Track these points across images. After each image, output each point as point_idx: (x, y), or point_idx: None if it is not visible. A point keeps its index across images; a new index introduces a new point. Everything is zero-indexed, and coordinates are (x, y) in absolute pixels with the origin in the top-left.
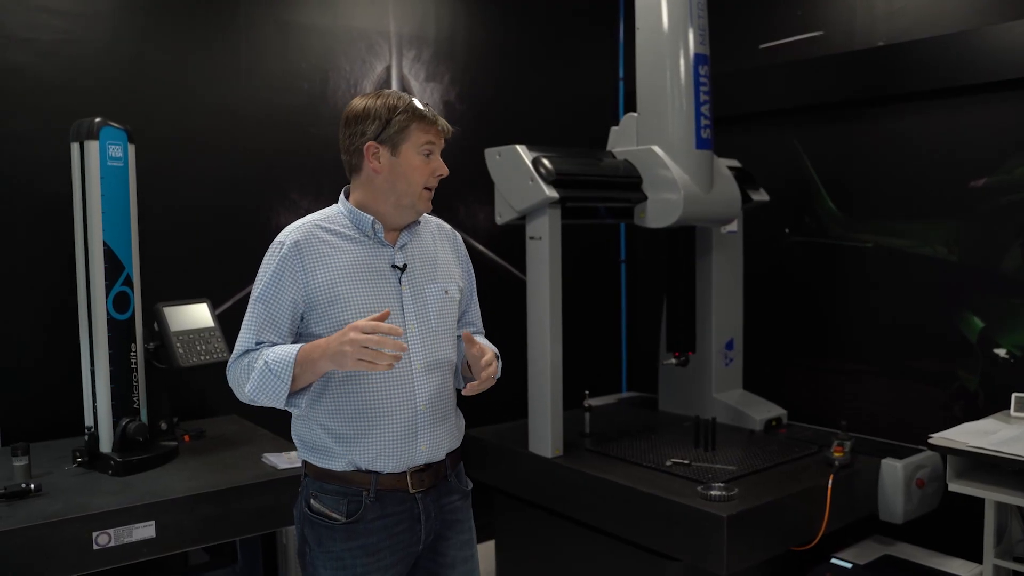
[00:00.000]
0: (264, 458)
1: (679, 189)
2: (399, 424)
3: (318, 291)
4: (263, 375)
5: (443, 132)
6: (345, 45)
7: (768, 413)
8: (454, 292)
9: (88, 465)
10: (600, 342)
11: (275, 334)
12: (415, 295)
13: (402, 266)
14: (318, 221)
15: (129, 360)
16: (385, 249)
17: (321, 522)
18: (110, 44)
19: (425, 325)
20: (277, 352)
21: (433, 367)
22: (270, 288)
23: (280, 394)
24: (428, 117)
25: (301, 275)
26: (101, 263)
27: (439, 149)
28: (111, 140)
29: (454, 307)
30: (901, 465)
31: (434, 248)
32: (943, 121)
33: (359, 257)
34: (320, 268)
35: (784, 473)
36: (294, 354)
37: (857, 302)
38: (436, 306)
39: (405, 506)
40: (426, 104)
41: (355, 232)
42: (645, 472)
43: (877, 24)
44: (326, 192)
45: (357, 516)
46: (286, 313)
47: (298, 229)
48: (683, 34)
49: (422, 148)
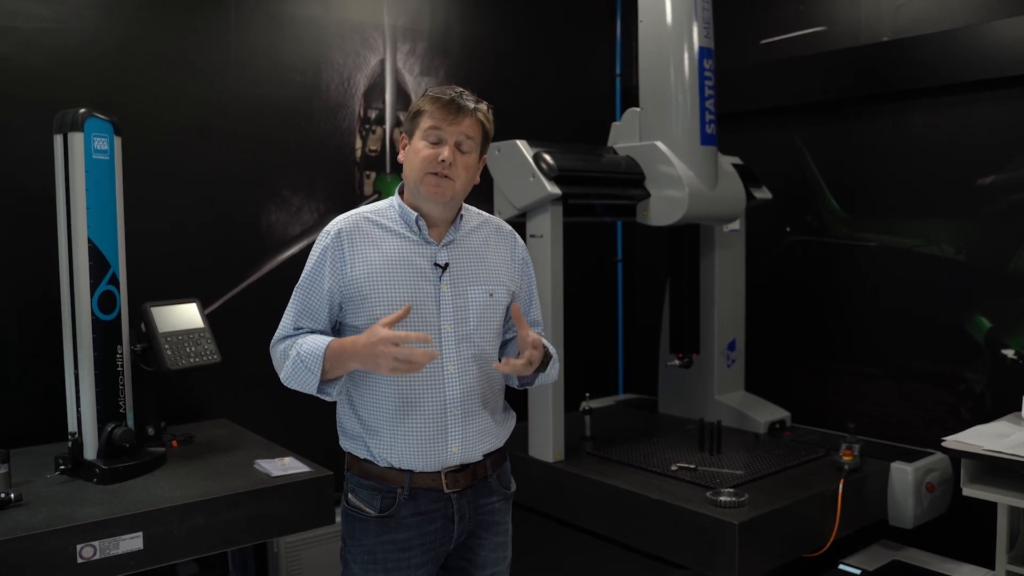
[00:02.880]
0: (256, 464)
1: (684, 186)
2: (428, 422)
3: (355, 284)
4: (295, 365)
5: (457, 117)
6: (338, 37)
7: (772, 415)
8: (500, 296)
9: (72, 473)
10: (597, 343)
11: (313, 321)
12: (455, 295)
13: (444, 265)
14: (368, 213)
15: (115, 363)
16: (429, 246)
17: (357, 515)
18: (95, 34)
19: (463, 327)
20: (310, 344)
21: (466, 368)
22: (310, 277)
23: (311, 384)
24: (439, 101)
25: (340, 266)
26: (86, 261)
27: (452, 136)
28: (97, 132)
29: (498, 311)
30: (911, 469)
31: (484, 249)
32: (950, 118)
33: (401, 253)
34: (360, 261)
35: (793, 478)
36: (323, 349)
37: (861, 302)
38: (477, 308)
39: (439, 505)
40: (459, 92)
41: (403, 227)
42: (650, 477)
43: (882, 19)
44: (319, 189)
45: (391, 512)
46: (323, 303)
47: (346, 219)
48: (687, 27)
49: (427, 133)
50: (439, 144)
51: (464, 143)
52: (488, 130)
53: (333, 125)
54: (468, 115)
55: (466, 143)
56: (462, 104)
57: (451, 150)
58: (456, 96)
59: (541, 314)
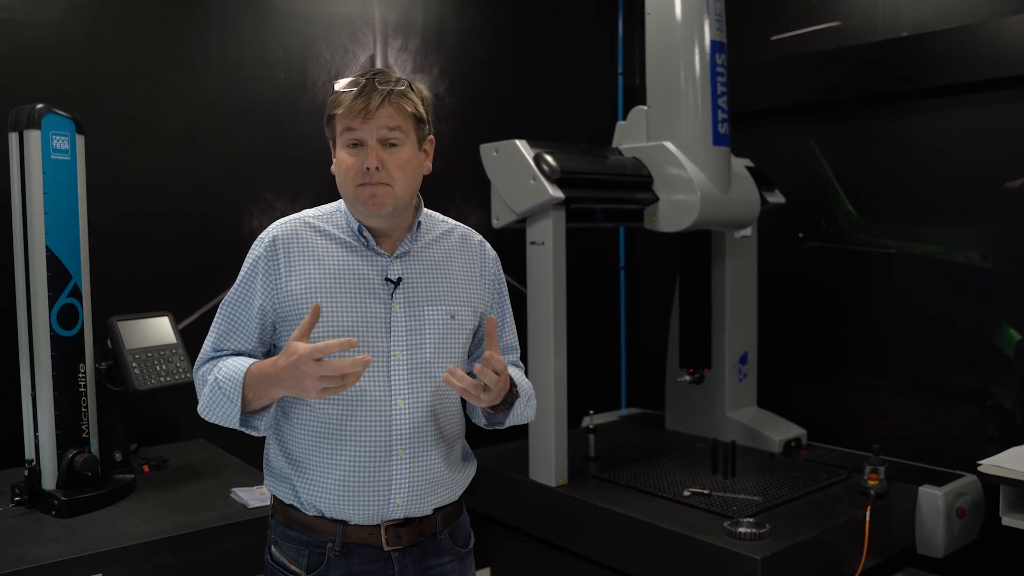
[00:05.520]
0: (233, 494)
1: (695, 189)
2: (368, 464)
3: (290, 301)
4: (213, 393)
5: (369, 112)
6: (326, 32)
7: (787, 433)
8: (464, 318)
9: (29, 504)
10: (598, 355)
11: (240, 342)
12: (409, 316)
13: (396, 280)
14: (311, 218)
15: (77, 383)
16: (380, 258)
17: (280, 573)
18: (61, 26)
19: (417, 354)
20: (229, 368)
21: (418, 402)
22: (239, 291)
23: (232, 416)
24: (346, 97)
25: (274, 280)
26: (43, 271)
27: (372, 134)
28: (56, 130)
29: (462, 336)
30: (941, 494)
31: (447, 262)
32: (975, 116)
33: (347, 265)
34: (297, 274)
35: (815, 504)
36: (243, 373)
37: (880, 313)
38: (435, 332)
39: (377, 565)
40: (371, 77)
41: (349, 235)
42: (661, 503)
43: (901, 12)
44: (304, 193)
45: (319, 571)
46: (253, 322)
47: (283, 225)
48: (698, 19)
49: (345, 138)
50: (360, 146)
51: (390, 136)
52: (418, 109)
53: (320, 125)
54: (383, 104)
55: (392, 135)
56: (371, 94)
57: (375, 152)
58: (365, 85)
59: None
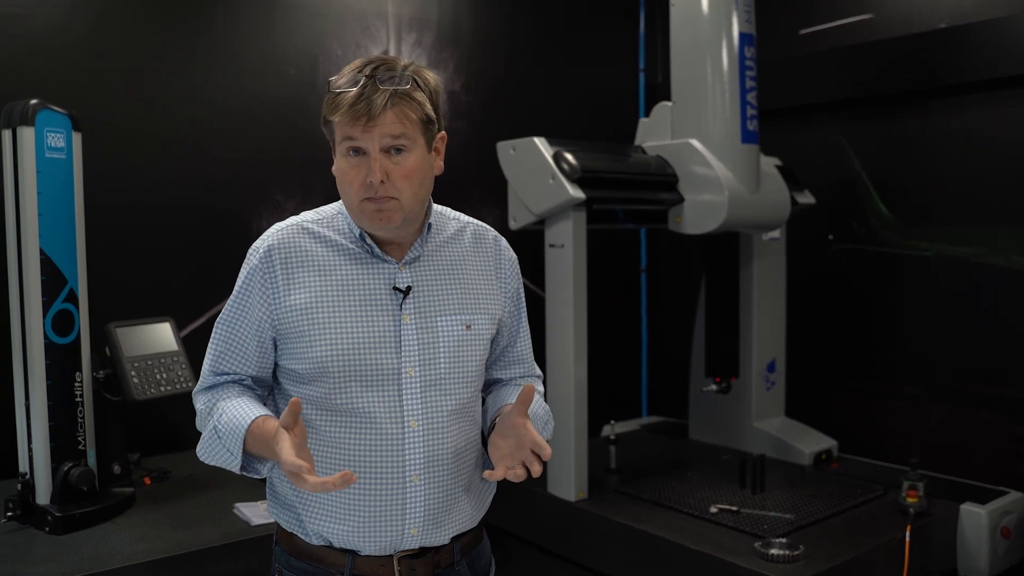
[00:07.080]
0: (235, 509)
1: (723, 189)
2: (380, 492)
3: (290, 317)
4: (212, 441)
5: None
6: (337, 27)
7: (817, 445)
8: (481, 327)
9: (22, 520)
10: (618, 361)
11: (238, 364)
12: (421, 329)
13: (405, 289)
14: (310, 222)
15: (73, 392)
16: (386, 265)
17: None
18: (63, 20)
19: (431, 370)
20: (229, 418)
21: (434, 423)
22: (234, 308)
23: (231, 465)
24: (343, 102)
25: (272, 295)
26: (37, 275)
27: (374, 144)
28: (51, 127)
29: (479, 347)
30: (985, 512)
31: (460, 265)
32: (1017, 112)
33: (351, 275)
34: (297, 287)
35: (850, 522)
36: (244, 429)
37: (915, 318)
38: (450, 346)
39: None
40: (370, 74)
41: (352, 241)
42: (686, 520)
43: (938, 2)
44: (316, 193)
45: None
46: (251, 341)
47: (278, 232)
48: (726, 11)
49: (344, 147)
50: (362, 155)
51: (395, 143)
52: (426, 110)
53: None
54: (385, 109)
55: (398, 141)
56: (372, 97)
57: (378, 164)
58: (363, 87)
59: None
